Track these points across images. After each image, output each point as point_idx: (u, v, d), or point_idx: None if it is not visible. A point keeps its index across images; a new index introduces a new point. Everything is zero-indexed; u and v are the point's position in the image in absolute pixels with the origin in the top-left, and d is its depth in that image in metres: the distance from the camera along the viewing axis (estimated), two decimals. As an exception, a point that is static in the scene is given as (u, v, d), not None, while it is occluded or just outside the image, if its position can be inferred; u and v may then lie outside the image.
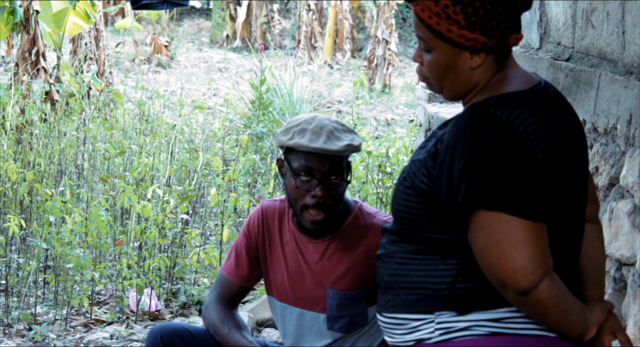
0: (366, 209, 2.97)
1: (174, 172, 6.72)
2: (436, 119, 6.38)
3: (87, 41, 9.89)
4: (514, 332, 2.05)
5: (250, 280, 3.08)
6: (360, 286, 2.92)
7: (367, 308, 2.95)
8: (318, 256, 2.94)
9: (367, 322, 2.97)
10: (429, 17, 2.07)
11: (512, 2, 2.05)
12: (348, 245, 2.92)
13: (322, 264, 2.94)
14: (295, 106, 10.17)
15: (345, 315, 2.94)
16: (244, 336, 2.94)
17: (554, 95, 2.15)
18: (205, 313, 3.05)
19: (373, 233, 2.90)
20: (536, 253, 1.97)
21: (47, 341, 4.69)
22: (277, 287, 3.03)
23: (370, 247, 2.89)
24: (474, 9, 2.03)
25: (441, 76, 2.13)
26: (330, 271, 2.93)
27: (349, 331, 2.97)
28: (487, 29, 2.05)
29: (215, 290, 3.09)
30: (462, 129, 2.03)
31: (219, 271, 3.13)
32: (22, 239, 5.88)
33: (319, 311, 2.97)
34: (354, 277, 2.91)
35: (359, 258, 2.91)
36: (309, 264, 2.96)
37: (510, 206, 1.97)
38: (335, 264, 2.92)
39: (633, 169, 2.94)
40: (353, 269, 2.91)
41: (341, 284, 2.92)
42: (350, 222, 2.93)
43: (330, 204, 2.84)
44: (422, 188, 2.09)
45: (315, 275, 2.95)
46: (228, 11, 19.23)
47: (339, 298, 2.93)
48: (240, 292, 3.09)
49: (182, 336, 3.01)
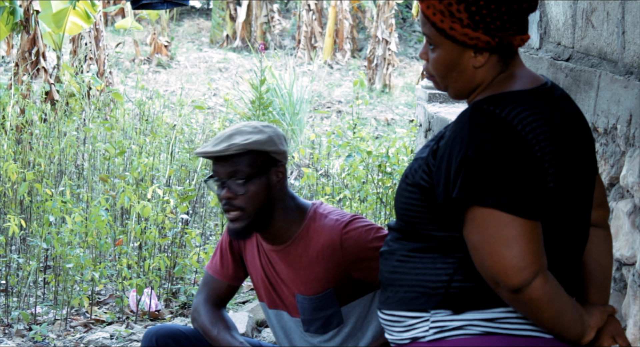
0: (321, 210, 2.95)
1: (174, 172, 6.72)
2: (436, 119, 6.37)
3: (87, 41, 9.90)
4: (508, 333, 2.05)
5: (236, 278, 3.09)
6: (326, 288, 2.91)
7: (340, 308, 2.94)
8: (282, 263, 2.95)
9: (342, 321, 2.96)
10: (433, 14, 2.07)
11: (517, 3, 2.05)
12: (306, 249, 2.91)
13: (287, 271, 2.95)
14: (295, 106, 10.17)
15: (319, 317, 2.94)
16: (234, 337, 2.94)
17: (560, 97, 2.14)
18: (194, 315, 3.05)
19: (324, 234, 2.89)
20: (529, 251, 1.96)
21: (47, 341, 4.69)
22: (260, 289, 3.05)
23: (324, 248, 2.88)
24: (477, 7, 2.03)
25: (445, 74, 2.13)
26: (295, 277, 2.93)
27: (325, 332, 2.97)
28: (490, 29, 2.05)
29: (202, 291, 3.09)
30: (461, 126, 2.04)
31: (205, 269, 3.14)
32: (22, 239, 5.88)
33: (295, 315, 2.98)
34: (318, 280, 2.90)
35: (317, 260, 2.89)
36: (277, 272, 2.97)
37: (504, 203, 1.97)
38: (298, 270, 2.92)
39: (633, 169, 2.94)
40: (315, 273, 2.90)
41: (307, 288, 2.92)
42: (305, 226, 2.92)
43: (240, 204, 2.84)
44: (423, 185, 2.10)
45: (285, 282, 2.96)
46: (228, 11, 19.23)
47: (308, 302, 2.93)
48: (228, 291, 3.09)
49: (177, 339, 3.02)
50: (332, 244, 2.87)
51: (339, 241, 2.86)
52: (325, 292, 2.91)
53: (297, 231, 2.92)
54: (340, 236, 2.86)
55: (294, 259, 2.93)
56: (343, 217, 2.91)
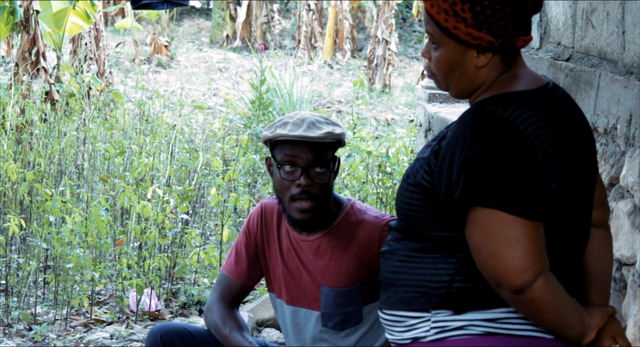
0: (358, 206, 2.99)
1: (174, 172, 6.72)
2: (436, 119, 6.38)
3: (87, 41, 9.89)
4: (509, 333, 2.05)
5: (250, 278, 3.10)
6: (354, 282, 2.93)
7: (362, 306, 2.96)
8: (311, 254, 2.96)
9: (361, 320, 2.97)
10: (437, 13, 2.07)
11: (521, 4, 2.05)
12: (340, 242, 2.93)
13: (316, 262, 2.96)
14: (295, 106, 10.17)
15: (340, 313, 2.96)
16: (245, 337, 2.95)
17: (562, 97, 2.14)
18: (206, 313, 3.07)
19: (363, 229, 2.92)
20: (531, 252, 1.97)
21: (47, 341, 4.69)
22: (277, 284, 3.05)
23: (360, 243, 2.91)
24: (482, 7, 2.03)
25: (447, 73, 2.13)
26: (324, 268, 2.95)
27: (341, 329, 2.98)
28: (494, 29, 2.05)
29: (216, 290, 3.11)
30: (463, 126, 2.03)
31: (220, 270, 3.16)
32: (22, 239, 5.88)
33: (315, 308, 2.98)
34: (347, 274, 2.93)
35: (351, 254, 2.92)
36: (304, 263, 2.98)
37: (506, 203, 1.97)
38: (328, 261, 2.94)
39: (633, 169, 2.94)
40: (346, 265, 2.92)
41: (335, 280, 2.94)
42: (341, 219, 2.95)
43: (317, 193, 2.86)
44: (424, 185, 2.10)
45: (310, 273, 2.97)
46: (228, 11, 19.23)
47: (333, 295, 2.94)
48: (242, 290, 3.11)
49: (181, 336, 3.03)
50: (370, 239, 2.90)
51: (378, 237, 2.89)
52: (352, 287, 2.93)
53: (332, 223, 2.94)
54: (381, 232, 2.90)
55: (326, 250, 2.94)
56: (383, 215, 2.96)
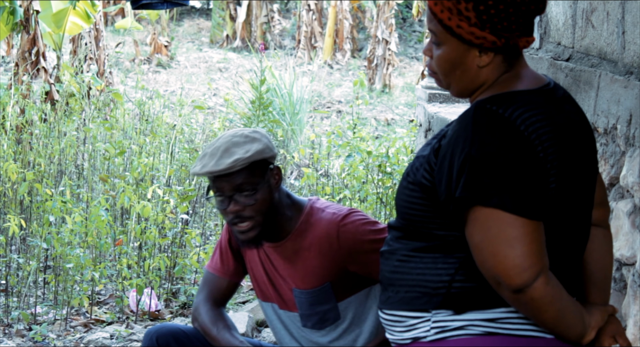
0: (317, 205, 2.98)
1: (174, 172, 6.72)
2: (436, 119, 6.38)
3: (87, 41, 9.89)
4: (509, 333, 2.05)
5: (237, 274, 3.11)
6: (323, 282, 2.93)
7: (337, 303, 2.96)
8: (280, 259, 2.97)
9: (339, 317, 2.97)
10: (440, 12, 2.07)
11: (525, 4, 2.05)
12: (303, 244, 2.93)
13: (285, 266, 2.97)
14: (295, 106, 10.17)
15: (315, 312, 2.97)
16: (234, 336, 2.96)
17: (563, 97, 2.15)
18: (194, 314, 3.06)
19: (321, 228, 2.91)
20: (531, 251, 1.97)
21: (47, 341, 4.69)
22: (260, 286, 3.07)
23: (321, 241, 2.90)
24: (486, 7, 2.03)
25: (449, 72, 2.13)
26: (293, 272, 2.96)
27: (321, 327, 2.99)
28: (497, 29, 2.05)
29: (203, 290, 3.10)
30: (464, 125, 2.03)
31: (205, 269, 3.15)
32: (22, 239, 5.88)
33: (294, 310, 3.01)
34: (315, 274, 2.93)
35: (315, 254, 2.92)
36: (276, 268, 2.99)
37: (507, 203, 1.97)
38: (295, 264, 2.95)
39: (633, 169, 2.94)
40: (312, 266, 2.93)
41: (304, 282, 2.94)
42: (302, 221, 2.94)
43: (250, 214, 2.85)
44: (424, 184, 2.10)
45: (282, 277, 2.99)
46: (228, 11, 19.23)
47: (305, 296, 2.95)
48: (229, 288, 3.11)
49: (177, 338, 3.03)
50: (329, 236, 2.89)
51: (335, 234, 2.88)
52: (321, 286, 2.93)
53: (294, 227, 2.94)
54: (337, 228, 2.88)
55: (292, 253, 2.95)
56: (340, 211, 2.93)
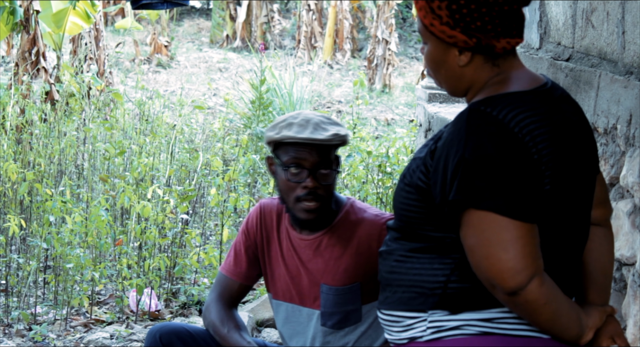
0: (358, 204, 3.00)
1: (174, 172, 6.72)
2: (436, 119, 6.38)
3: (87, 41, 9.89)
4: (505, 333, 2.05)
5: (249, 278, 3.10)
6: (353, 281, 2.93)
7: (361, 305, 2.96)
8: (311, 252, 2.97)
9: (360, 319, 2.98)
10: (419, 9, 2.11)
11: (499, 5, 2.04)
12: (339, 240, 2.94)
13: (315, 261, 2.96)
14: (295, 106, 10.17)
15: (339, 311, 2.96)
16: (243, 337, 2.96)
17: (561, 97, 2.14)
18: (205, 313, 3.07)
19: (363, 227, 2.93)
20: (525, 254, 1.96)
21: (47, 341, 4.69)
22: (277, 284, 3.05)
23: (360, 241, 2.92)
24: (458, 6, 2.04)
25: (435, 70, 2.16)
26: (323, 267, 2.95)
27: (341, 328, 2.98)
28: (470, 29, 2.05)
29: (215, 290, 3.11)
30: (458, 127, 2.04)
31: (219, 270, 3.16)
32: (22, 239, 5.88)
33: (315, 307, 2.99)
34: (347, 272, 2.93)
35: (350, 252, 2.93)
36: (303, 262, 2.98)
37: (500, 206, 1.97)
38: (328, 260, 2.95)
39: (633, 169, 2.94)
40: (345, 264, 2.93)
41: (334, 279, 2.94)
42: (341, 218, 2.95)
43: (322, 194, 2.87)
44: (420, 185, 2.10)
45: (310, 272, 2.97)
46: (228, 11, 19.23)
47: (332, 293, 2.95)
48: (240, 290, 3.11)
49: (181, 336, 3.03)
50: (369, 237, 2.91)
51: (377, 235, 2.90)
52: (351, 285, 2.94)
53: (332, 222, 2.95)
54: (380, 230, 2.90)
55: (326, 248, 2.95)
56: (383, 214, 2.97)
